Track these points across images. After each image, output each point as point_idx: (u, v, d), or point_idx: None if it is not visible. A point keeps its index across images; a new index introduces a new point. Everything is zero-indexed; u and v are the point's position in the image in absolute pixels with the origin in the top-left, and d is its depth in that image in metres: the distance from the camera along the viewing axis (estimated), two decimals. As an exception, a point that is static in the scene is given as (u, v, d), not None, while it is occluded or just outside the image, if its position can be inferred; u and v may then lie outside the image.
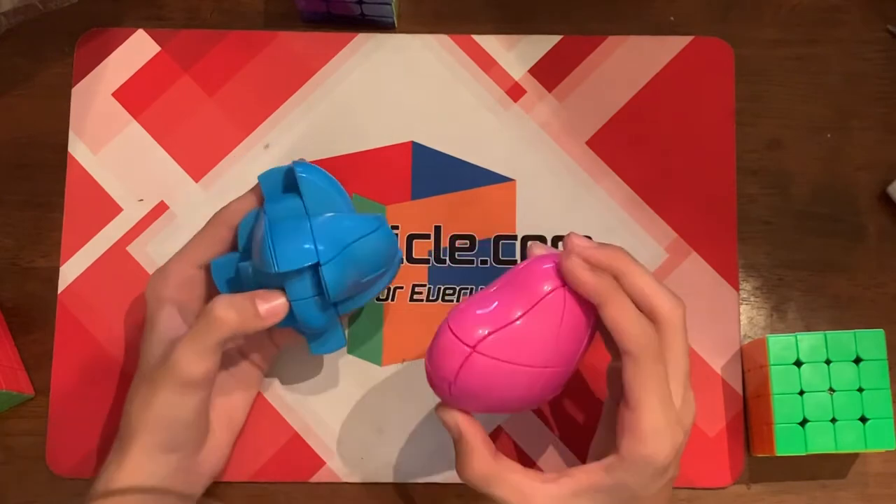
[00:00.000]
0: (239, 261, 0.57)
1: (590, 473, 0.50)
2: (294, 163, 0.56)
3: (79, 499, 0.55)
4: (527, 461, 0.62)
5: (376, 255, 0.56)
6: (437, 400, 0.54)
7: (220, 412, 0.59)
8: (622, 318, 0.49)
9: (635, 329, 0.49)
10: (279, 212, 0.55)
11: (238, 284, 0.57)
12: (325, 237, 0.53)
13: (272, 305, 0.54)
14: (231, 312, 0.53)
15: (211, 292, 0.58)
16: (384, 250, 0.56)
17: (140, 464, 0.54)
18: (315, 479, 0.62)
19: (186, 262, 0.58)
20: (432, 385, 0.52)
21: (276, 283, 0.54)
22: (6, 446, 0.62)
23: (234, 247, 0.58)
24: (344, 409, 0.62)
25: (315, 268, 0.53)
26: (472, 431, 0.52)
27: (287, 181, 0.57)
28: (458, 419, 0.52)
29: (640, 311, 0.50)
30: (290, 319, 0.55)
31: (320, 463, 0.62)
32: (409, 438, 0.62)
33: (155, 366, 0.55)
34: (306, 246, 0.53)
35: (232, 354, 0.60)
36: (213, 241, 0.58)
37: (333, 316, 0.56)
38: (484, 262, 0.64)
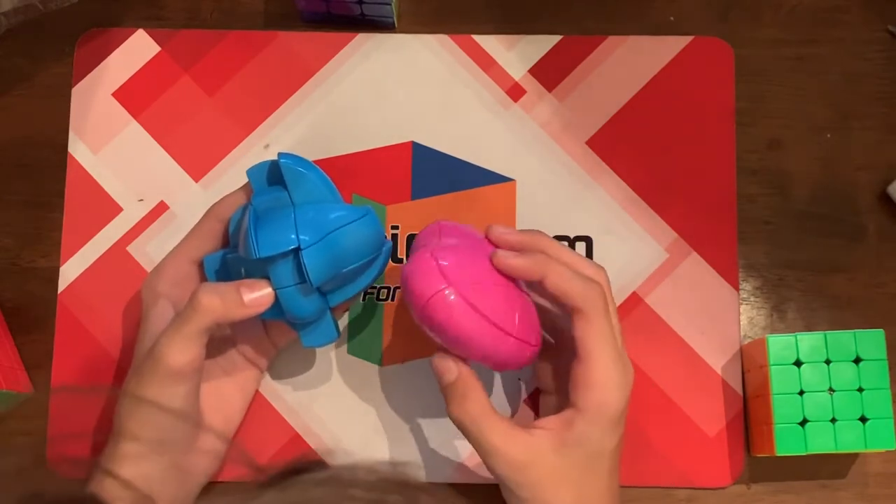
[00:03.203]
0: (227, 254, 0.57)
1: (550, 428, 0.53)
2: (280, 154, 0.56)
3: (79, 499, 0.55)
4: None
5: (361, 243, 0.56)
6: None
7: (216, 411, 0.59)
8: (563, 281, 0.53)
9: (578, 286, 0.53)
10: (265, 203, 0.56)
11: (226, 276, 0.57)
12: (307, 224, 0.54)
13: (257, 293, 0.54)
14: (215, 299, 0.53)
15: None
16: (370, 238, 0.56)
17: (131, 463, 0.54)
18: (315, 479, 0.62)
19: (181, 257, 0.58)
20: (409, 300, 0.53)
21: (261, 272, 0.55)
22: (6, 446, 0.62)
23: (227, 242, 0.59)
24: (344, 409, 0.62)
25: (298, 255, 0.53)
26: (471, 374, 0.54)
27: (275, 174, 0.57)
28: (460, 363, 0.54)
29: None
30: (278, 311, 0.55)
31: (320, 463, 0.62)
32: (409, 438, 0.62)
33: (143, 359, 0.55)
34: (287, 232, 0.53)
35: (229, 353, 0.60)
36: (207, 236, 0.58)
37: (322, 306, 0.56)
38: (484, 262, 0.64)
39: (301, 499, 0.32)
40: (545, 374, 0.59)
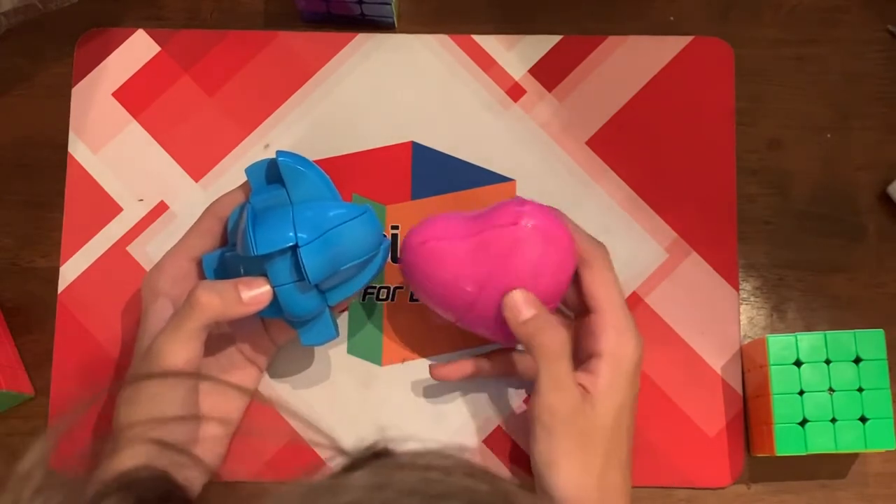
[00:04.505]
0: (226, 252, 0.57)
1: (585, 385, 0.54)
2: (278, 152, 0.57)
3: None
4: (525, 460, 0.62)
5: (359, 240, 0.56)
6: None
7: (216, 409, 0.58)
8: (574, 234, 0.56)
9: (584, 239, 0.57)
10: (263, 201, 0.56)
11: (225, 275, 0.57)
12: (305, 222, 0.54)
13: (255, 291, 0.54)
14: (214, 297, 0.53)
15: None
16: (368, 236, 0.56)
17: (131, 461, 0.54)
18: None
19: (180, 255, 0.59)
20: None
21: (259, 269, 0.55)
22: (6, 446, 0.62)
23: (226, 240, 0.59)
24: (344, 409, 0.62)
25: (296, 253, 0.54)
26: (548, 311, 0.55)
27: (274, 173, 0.58)
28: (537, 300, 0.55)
29: None
30: (277, 309, 0.55)
31: (320, 463, 0.62)
32: (408, 438, 0.62)
33: (142, 357, 0.55)
34: (285, 229, 0.54)
35: (228, 351, 0.60)
36: (205, 234, 0.59)
37: (321, 304, 0.56)
38: (484, 262, 0.64)
39: (388, 481, 0.34)
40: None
